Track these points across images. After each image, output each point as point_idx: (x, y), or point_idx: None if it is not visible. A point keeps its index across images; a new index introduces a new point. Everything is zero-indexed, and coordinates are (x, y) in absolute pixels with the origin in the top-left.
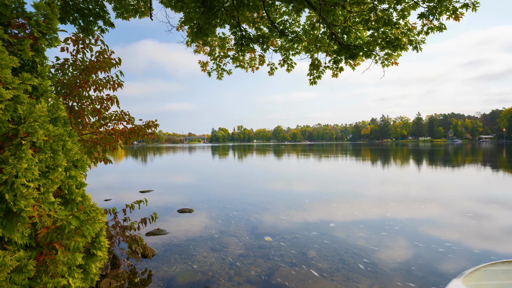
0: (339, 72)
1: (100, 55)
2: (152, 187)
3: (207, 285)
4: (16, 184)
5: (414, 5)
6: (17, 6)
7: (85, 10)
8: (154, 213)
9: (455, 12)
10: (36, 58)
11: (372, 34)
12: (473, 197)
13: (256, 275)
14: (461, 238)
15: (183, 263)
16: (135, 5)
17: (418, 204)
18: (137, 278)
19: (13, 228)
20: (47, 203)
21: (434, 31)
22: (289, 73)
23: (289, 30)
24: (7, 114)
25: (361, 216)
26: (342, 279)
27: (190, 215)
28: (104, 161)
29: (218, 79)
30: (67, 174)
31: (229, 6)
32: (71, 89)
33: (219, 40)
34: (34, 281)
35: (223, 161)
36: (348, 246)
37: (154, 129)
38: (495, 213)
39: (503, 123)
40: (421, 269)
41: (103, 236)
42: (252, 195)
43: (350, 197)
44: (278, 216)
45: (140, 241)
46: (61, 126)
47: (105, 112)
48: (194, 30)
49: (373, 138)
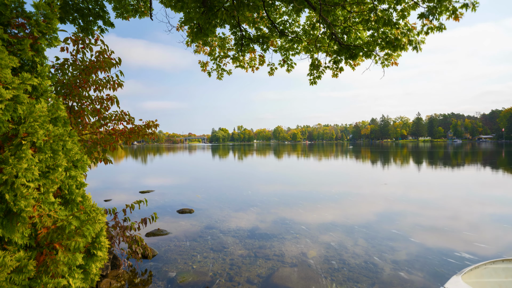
0: (339, 72)
1: (100, 55)
2: (152, 188)
3: (207, 285)
4: (16, 184)
5: (414, 5)
6: (17, 5)
7: (85, 10)
8: (154, 213)
9: (455, 12)
10: (36, 58)
11: (372, 34)
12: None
13: (256, 275)
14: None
15: (183, 263)
16: (135, 5)
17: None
18: (137, 278)
19: (13, 228)
20: (47, 203)
21: (434, 31)
22: (289, 73)
23: (289, 30)
24: (7, 114)
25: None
26: (342, 279)
27: (190, 215)
28: (104, 161)
29: (218, 79)
30: (67, 174)
31: (229, 6)
32: (71, 89)
33: (219, 40)
34: (34, 281)
35: (223, 161)
36: (348, 249)
37: (154, 129)
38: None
39: (502, 123)
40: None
41: (103, 236)
42: (252, 195)
43: (345, 198)
44: (278, 216)
45: (140, 241)
46: (61, 126)
47: (105, 112)
48: (194, 30)
49: (373, 138)
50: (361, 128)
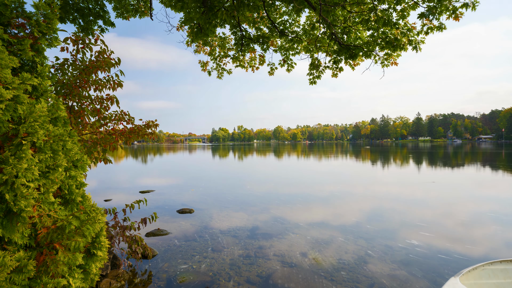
0: (338, 72)
1: (100, 55)
2: (152, 187)
3: (207, 285)
4: (16, 184)
5: (414, 5)
6: (17, 6)
7: (85, 9)
8: (154, 213)
9: (455, 12)
10: (36, 58)
11: (372, 34)
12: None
13: (256, 275)
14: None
15: (183, 263)
16: (135, 5)
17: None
18: (137, 278)
19: (13, 228)
20: (47, 203)
21: (434, 31)
22: (289, 73)
23: (289, 30)
24: (7, 114)
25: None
26: (342, 279)
27: (190, 215)
28: (104, 161)
29: (218, 78)
30: (67, 174)
31: (229, 6)
32: (71, 89)
33: (219, 40)
34: (34, 281)
35: (223, 161)
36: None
37: (154, 129)
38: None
39: (502, 123)
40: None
41: (103, 236)
42: (252, 195)
43: (339, 198)
44: (278, 216)
45: (140, 241)
46: (61, 126)
47: (105, 112)
48: (194, 30)
49: (373, 138)
50: (361, 128)
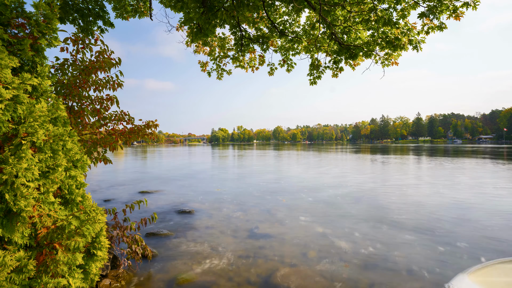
0: (339, 72)
1: (100, 55)
2: (152, 188)
3: (207, 285)
4: (16, 184)
5: (414, 4)
6: (16, 6)
7: (85, 10)
8: (154, 214)
9: (455, 11)
10: (36, 58)
11: (372, 34)
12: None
13: (256, 275)
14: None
15: (183, 263)
16: (135, 5)
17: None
18: (137, 278)
19: (13, 228)
20: (47, 203)
21: (434, 30)
22: (289, 73)
23: (289, 30)
24: (7, 114)
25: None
26: (342, 279)
27: (190, 215)
28: (104, 161)
29: (218, 79)
30: (67, 174)
31: (229, 6)
32: (71, 89)
33: (219, 40)
34: (34, 281)
35: (223, 161)
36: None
37: (154, 129)
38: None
39: (502, 123)
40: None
41: (103, 236)
42: (252, 196)
43: (335, 198)
44: (278, 216)
45: (140, 241)
46: (61, 126)
47: (105, 112)
48: (194, 30)
49: (373, 138)
50: (361, 128)
